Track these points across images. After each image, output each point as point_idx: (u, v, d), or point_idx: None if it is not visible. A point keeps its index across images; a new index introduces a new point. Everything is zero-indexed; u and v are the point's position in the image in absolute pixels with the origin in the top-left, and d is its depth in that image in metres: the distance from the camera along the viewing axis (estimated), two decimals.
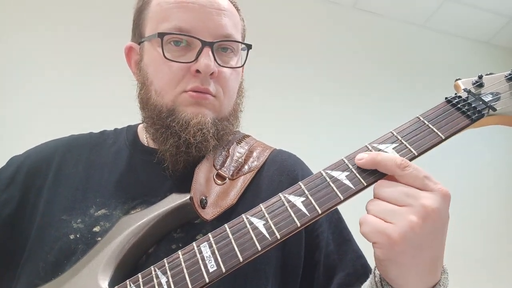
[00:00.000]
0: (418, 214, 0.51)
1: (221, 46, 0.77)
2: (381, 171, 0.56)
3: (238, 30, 0.81)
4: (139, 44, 0.82)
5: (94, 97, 2.06)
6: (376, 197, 0.55)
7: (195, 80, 0.74)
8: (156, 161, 0.78)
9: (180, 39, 0.74)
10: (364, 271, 0.75)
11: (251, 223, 0.57)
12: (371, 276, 0.62)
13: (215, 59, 0.74)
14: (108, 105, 1.99)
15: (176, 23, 0.74)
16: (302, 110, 2.48)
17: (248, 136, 0.90)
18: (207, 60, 0.72)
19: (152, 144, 0.83)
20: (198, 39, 0.73)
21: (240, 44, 0.80)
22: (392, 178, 0.55)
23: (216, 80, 0.76)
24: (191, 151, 0.74)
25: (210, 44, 0.74)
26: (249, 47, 0.82)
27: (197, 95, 0.74)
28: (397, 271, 0.54)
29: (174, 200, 0.69)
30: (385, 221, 0.52)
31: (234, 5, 0.82)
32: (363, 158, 0.57)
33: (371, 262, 0.77)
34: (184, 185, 0.72)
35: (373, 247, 0.54)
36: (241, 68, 0.83)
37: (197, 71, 0.73)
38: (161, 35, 0.74)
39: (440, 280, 0.57)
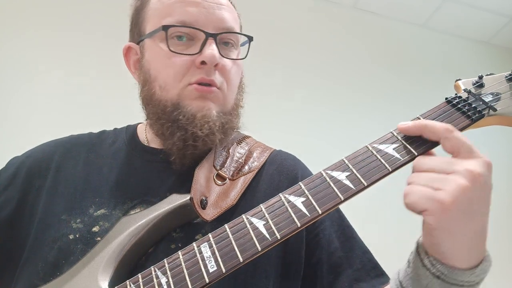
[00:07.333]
0: (466, 178, 0.51)
1: (223, 40, 0.78)
2: (426, 136, 0.57)
3: (238, 24, 0.83)
4: (138, 43, 0.82)
5: (93, 97, 2.05)
6: (417, 170, 0.55)
7: (200, 71, 0.75)
8: (156, 160, 0.78)
9: (183, 33, 0.76)
10: (372, 265, 0.75)
11: (251, 223, 0.57)
12: (411, 256, 0.60)
13: (218, 51, 0.75)
14: (108, 105, 1.99)
15: (180, 17, 0.75)
16: (301, 110, 2.47)
17: (248, 137, 0.90)
18: (212, 50, 0.74)
19: (152, 144, 0.83)
20: (202, 31, 0.75)
21: (239, 39, 0.82)
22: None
23: (220, 72, 0.77)
24: (198, 144, 0.74)
25: (214, 36, 0.75)
26: (250, 39, 0.83)
27: (201, 88, 0.74)
28: (450, 241, 0.53)
29: (174, 201, 0.69)
30: (433, 189, 0.52)
31: (231, 2, 0.84)
32: (407, 124, 0.58)
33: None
34: (183, 185, 0.72)
35: (424, 215, 0.53)
36: (241, 62, 0.83)
37: (202, 62, 0.74)
38: (165, 27, 0.75)
39: (486, 256, 0.56)
